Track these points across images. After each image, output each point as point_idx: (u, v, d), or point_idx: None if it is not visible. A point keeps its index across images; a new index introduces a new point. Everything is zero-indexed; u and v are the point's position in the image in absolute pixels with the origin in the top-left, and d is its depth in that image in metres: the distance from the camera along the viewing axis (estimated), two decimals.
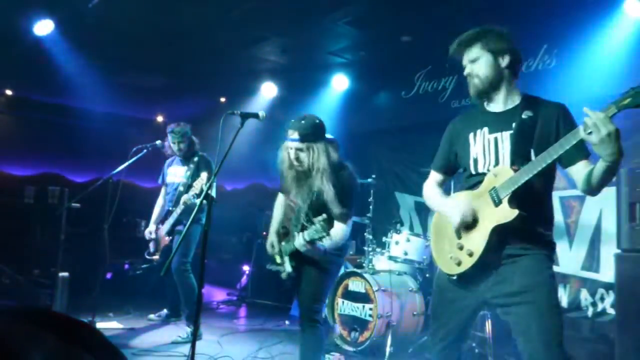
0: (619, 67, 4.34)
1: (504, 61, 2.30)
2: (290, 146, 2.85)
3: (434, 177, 2.48)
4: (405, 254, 4.49)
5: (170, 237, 4.59)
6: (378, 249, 4.73)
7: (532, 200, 2.07)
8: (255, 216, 7.12)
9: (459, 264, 2.16)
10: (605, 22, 4.44)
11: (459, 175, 2.47)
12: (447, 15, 4.96)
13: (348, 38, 5.67)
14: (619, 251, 3.49)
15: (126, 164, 4.49)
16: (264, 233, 5.34)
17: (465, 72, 2.36)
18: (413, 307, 4.35)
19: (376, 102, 7.01)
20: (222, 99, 7.88)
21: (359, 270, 4.47)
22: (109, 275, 6.06)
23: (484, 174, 2.19)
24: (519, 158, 2.09)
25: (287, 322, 5.29)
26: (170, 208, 4.59)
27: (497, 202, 2.07)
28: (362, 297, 4.31)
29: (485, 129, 2.24)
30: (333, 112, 6.91)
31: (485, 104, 2.32)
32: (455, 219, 2.16)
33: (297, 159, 2.84)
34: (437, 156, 2.47)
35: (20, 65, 6.43)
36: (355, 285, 4.40)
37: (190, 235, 4.51)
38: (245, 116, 2.72)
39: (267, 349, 4.19)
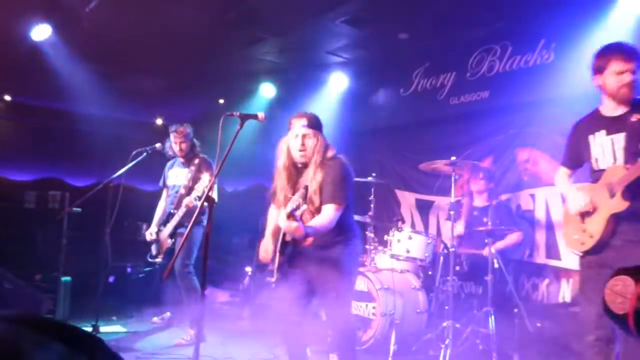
0: None
1: None
2: (299, 132, 2.87)
3: (563, 171, 3.00)
4: (408, 251, 4.49)
5: (172, 240, 4.58)
6: (380, 248, 4.73)
7: None
8: (256, 217, 7.11)
9: (582, 243, 2.67)
10: (603, 15, 4.44)
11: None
12: (444, 11, 4.96)
13: (345, 37, 5.66)
14: None
15: (126, 167, 4.49)
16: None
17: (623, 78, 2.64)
18: (416, 305, 4.35)
19: (375, 100, 7.01)
20: (221, 101, 7.87)
21: (361, 269, 4.47)
22: (111, 279, 6.06)
23: (603, 170, 2.65)
24: (631, 156, 2.52)
25: None
26: (172, 210, 4.58)
27: (612, 195, 2.54)
28: (365, 296, 4.30)
29: (603, 131, 2.68)
30: (332, 111, 6.90)
31: (601, 108, 2.75)
32: (573, 205, 2.72)
33: (304, 145, 2.86)
34: (564, 155, 3.00)
35: (19, 71, 6.42)
36: (357, 284, 4.40)
37: (192, 238, 4.50)
38: (244, 117, 2.72)
39: (271, 349, 4.19)
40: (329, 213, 2.76)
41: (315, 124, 2.91)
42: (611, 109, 2.70)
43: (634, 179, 2.46)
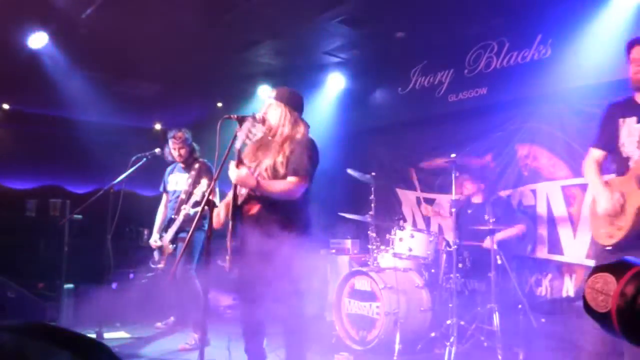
0: (614, 55, 4.33)
1: None
2: (265, 103, 2.88)
3: (593, 156, 2.83)
4: (410, 250, 4.48)
5: (174, 245, 4.57)
6: (382, 247, 4.73)
7: None
8: None
9: (611, 236, 2.59)
10: (599, 10, 4.44)
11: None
12: (441, 9, 4.96)
13: (342, 37, 5.66)
14: None
15: (126, 173, 4.49)
16: None
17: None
18: (420, 303, 4.34)
19: (373, 99, 7.00)
20: (219, 104, 7.87)
21: (364, 269, 4.47)
22: (114, 285, 6.05)
23: (628, 159, 2.59)
24: None
25: None
26: (173, 216, 4.56)
27: None
28: (368, 296, 4.30)
29: (634, 118, 2.60)
30: (330, 111, 6.90)
31: (636, 95, 2.66)
32: (600, 206, 2.61)
33: (266, 113, 2.84)
34: (597, 135, 2.84)
35: (16, 79, 6.42)
36: (361, 284, 4.40)
37: (193, 242, 4.49)
38: (242, 119, 2.72)
39: (276, 352, 4.19)
40: (290, 181, 2.72)
41: (283, 97, 2.89)
42: None
43: None
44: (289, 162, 2.74)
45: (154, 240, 4.65)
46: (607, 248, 2.63)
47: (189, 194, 4.42)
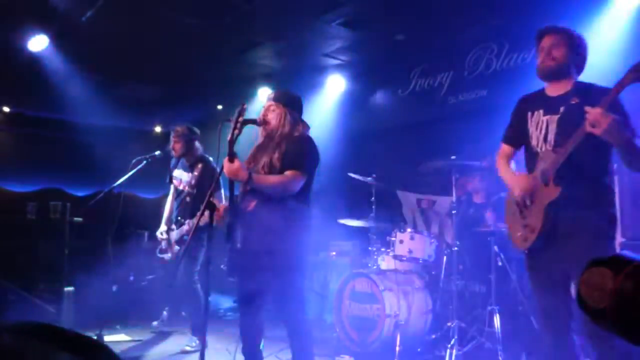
0: (614, 57, 4.33)
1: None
2: (263, 105, 2.87)
3: (503, 151, 2.73)
4: (410, 252, 4.48)
5: (179, 247, 4.54)
6: (383, 249, 4.72)
7: (578, 179, 2.29)
8: None
9: (525, 239, 2.42)
10: (600, 12, 4.44)
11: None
12: (440, 11, 4.97)
13: (342, 39, 5.68)
14: (623, 239, 3.48)
15: (127, 175, 4.49)
16: None
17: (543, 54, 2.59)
18: (421, 305, 4.34)
19: (373, 101, 7.01)
20: (219, 107, 7.88)
21: (364, 271, 4.47)
22: (114, 288, 6.05)
23: (537, 154, 2.45)
24: (563, 141, 2.32)
25: None
26: (179, 218, 4.51)
27: (546, 183, 2.34)
28: (369, 298, 4.29)
29: (541, 111, 2.50)
30: (331, 113, 6.90)
31: (546, 87, 2.59)
32: (517, 190, 2.47)
33: (266, 117, 2.83)
34: (506, 129, 2.75)
35: (17, 82, 6.44)
36: (361, 286, 4.39)
37: (197, 246, 4.47)
38: (243, 122, 2.72)
39: (276, 354, 4.18)
40: (286, 174, 2.69)
41: (281, 98, 2.88)
42: (553, 89, 2.57)
43: (562, 161, 2.27)
44: (285, 157, 2.73)
45: (160, 233, 4.61)
46: (524, 252, 2.48)
47: (193, 197, 4.37)
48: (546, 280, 2.40)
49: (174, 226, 4.55)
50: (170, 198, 4.85)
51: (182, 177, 4.66)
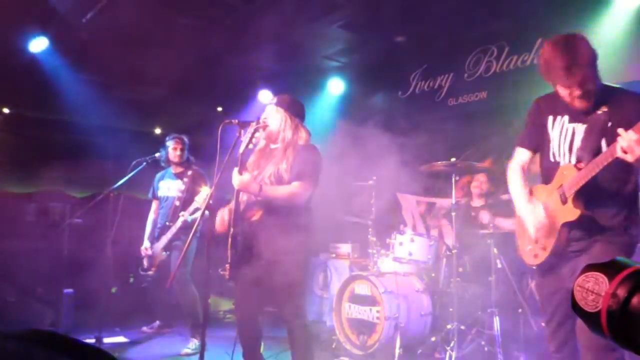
0: (614, 58, 4.34)
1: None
2: (266, 109, 2.88)
3: (519, 159, 2.48)
4: (410, 254, 4.48)
5: (167, 253, 4.53)
6: (382, 251, 4.72)
7: (599, 199, 2.12)
8: None
9: (535, 256, 2.30)
10: (600, 14, 4.45)
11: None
12: (441, 13, 4.97)
13: (342, 41, 5.68)
14: None
15: (126, 177, 4.49)
16: None
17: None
18: (420, 308, 4.33)
19: (373, 103, 7.01)
20: (219, 108, 7.88)
21: (364, 273, 4.46)
22: (114, 290, 6.04)
23: (557, 163, 2.25)
24: (587, 154, 2.11)
25: None
26: (167, 223, 4.53)
27: (564, 201, 2.16)
28: (368, 300, 4.29)
29: (566, 117, 2.25)
30: (330, 115, 6.90)
31: (559, 89, 2.22)
32: (530, 227, 2.29)
33: (267, 120, 2.82)
34: (522, 132, 2.49)
35: (17, 83, 6.43)
36: (361, 288, 4.39)
37: (190, 248, 4.48)
38: (243, 124, 2.72)
39: (276, 356, 4.18)
40: (294, 186, 2.70)
41: (283, 103, 2.88)
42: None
43: (585, 182, 2.06)
44: (292, 168, 2.73)
45: (144, 247, 4.64)
46: (533, 267, 2.36)
47: (184, 201, 4.41)
48: (556, 292, 2.30)
49: (156, 241, 4.60)
50: (151, 214, 4.87)
51: (169, 185, 4.71)
